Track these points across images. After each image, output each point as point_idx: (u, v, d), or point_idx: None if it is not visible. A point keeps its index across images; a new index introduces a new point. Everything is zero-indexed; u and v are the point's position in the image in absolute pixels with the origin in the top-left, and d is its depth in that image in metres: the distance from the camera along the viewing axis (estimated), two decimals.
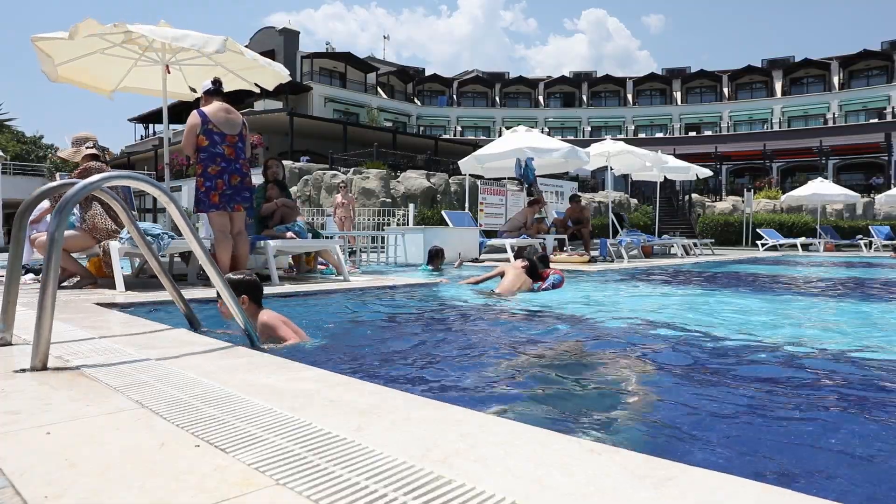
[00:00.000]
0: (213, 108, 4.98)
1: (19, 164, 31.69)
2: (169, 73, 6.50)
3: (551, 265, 8.77)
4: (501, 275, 5.54)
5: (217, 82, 5.13)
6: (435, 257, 8.20)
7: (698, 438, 1.72)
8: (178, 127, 36.21)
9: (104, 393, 1.67)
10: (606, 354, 2.71)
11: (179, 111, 29.07)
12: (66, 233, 4.81)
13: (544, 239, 10.53)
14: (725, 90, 45.44)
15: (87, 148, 5.03)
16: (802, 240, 18.31)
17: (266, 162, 6.61)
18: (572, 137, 40.45)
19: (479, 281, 5.65)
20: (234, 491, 1.03)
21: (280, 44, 39.01)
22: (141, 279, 5.52)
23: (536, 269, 5.59)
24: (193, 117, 4.92)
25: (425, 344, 3.17)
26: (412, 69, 50.89)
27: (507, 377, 2.41)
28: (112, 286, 4.62)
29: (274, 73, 6.63)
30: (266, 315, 2.93)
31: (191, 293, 3.81)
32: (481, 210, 13.05)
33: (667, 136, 43.34)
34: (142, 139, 44.01)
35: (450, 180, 20.55)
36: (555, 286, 5.71)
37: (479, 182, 15.26)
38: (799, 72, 43.77)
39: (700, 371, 2.56)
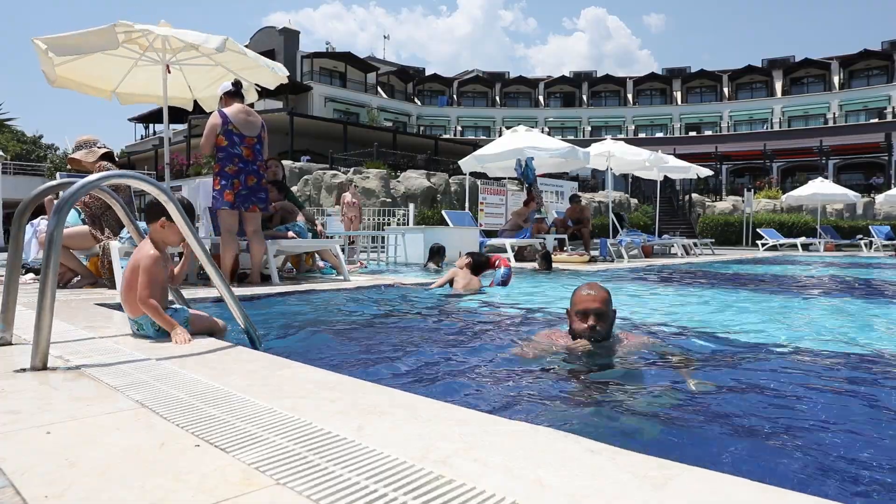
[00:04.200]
0: (233, 109, 5.04)
1: (19, 164, 31.69)
2: (169, 72, 6.50)
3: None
4: (451, 281, 5.49)
5: (237, 84, 5.19)
6: (436, 255, 8.16)
7: (700, 439, 1.72)
8: (179, 127, 36.28)
9: (104, 393, 1.67)
10: (606, 354, 2.70)
11: (179, 111, 29.10)
12: (74, 229, 4.82)
13: (544, 239, 10.53)
14: (725, 90, 45.43)
15: (98, 147, 5.06)
16: (803, 240, 18.30)
17: (266, 161, 6.59)
18: (572, 137, 40.43)
19: (434, 287, 5.58)
20: (235, 491, 1.03)
21: (280, 43, 39.01)
22: None
23: (481, 263, 5.62)
24: (214, 117, 4.97)
25: (425, 343, 3.17)
26: (412, 69, 50.88)
27: (507, 377, 2.41)
28: (112, 286, 4.62)
29: (274, 74, 6.63)
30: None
31: (191, 293, 3.81)
32: (481, 210, 13.05)
33: (667, 136, 43.33)
34: (142, 139, 44.00)
35: (450, 180, 20.55)
36: (504, 282, 5.69)
37: (479, 182, 15.26)
38: (799, 72, 43.76)
39: (700, 370, 2.55)
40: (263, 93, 7.16)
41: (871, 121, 38.80)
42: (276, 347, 2.80)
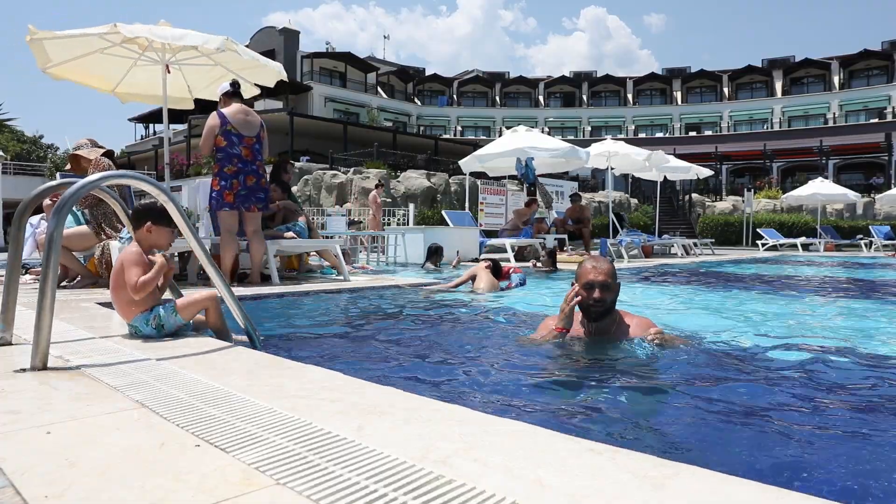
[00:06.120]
0: (232, 109, 5.04)
1: (19, 164, 31.69)
2: (169, 72, 6.49)
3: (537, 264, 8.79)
4: (473, 278, 5.59)
5: (235, 84, 5.19)
6: (433, 254, 8.21)
7: (700, 438, 1.72)
8: (179, 127, 36.29)
9: (104, 393, 1.67)
10: (606, 354, 2.71)
11: (179, 111, 29.13)
12: (74, 229, 4.81)
13: (544, 238, 10.53)
14: (726, 90, 45.41)
15: (97, 147, 5.08)
16: (803, 240, 18.29)
17: (285, 164, 6.62)
18: (572, 137, 40.40)
19: (454, 286, 5.61)
20: (235, 491, 1.03)
21: (280, 43, 39.00)
22: None
23: (499, 269, 5.77)
24: (213, 118, 4.97)
25: (426, 344, 3.17)
26: (412, 69, 50.86)
27: (507, 377, 2.40)
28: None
29: (273, 72, 6.63)
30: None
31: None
32: (481, 210, 13.05)
33: (667, 136, 43.32)
34: (142, 139, 44.01)
35: (450, 180, 20.55)
36: (521, 284, 5.87)
37: (479, 182, 15.26)
38: (799, 72, 43.74)
39: (700, 371, 2.55)
40: (263, 92, 7.15)
41: (871, 121, 38.78)
42: (276, 347, 2.80)
